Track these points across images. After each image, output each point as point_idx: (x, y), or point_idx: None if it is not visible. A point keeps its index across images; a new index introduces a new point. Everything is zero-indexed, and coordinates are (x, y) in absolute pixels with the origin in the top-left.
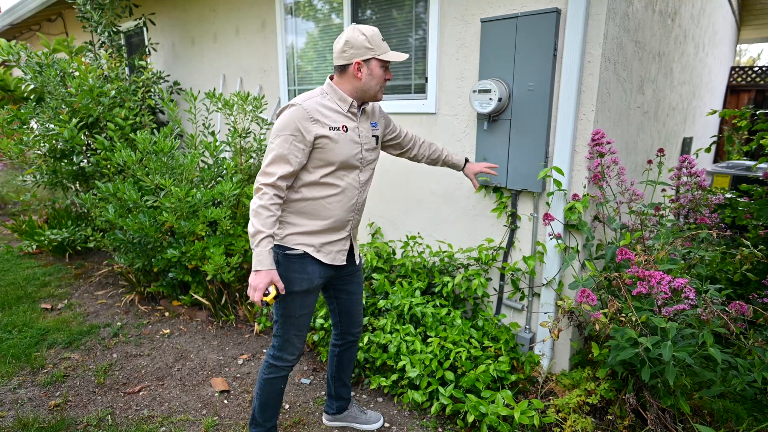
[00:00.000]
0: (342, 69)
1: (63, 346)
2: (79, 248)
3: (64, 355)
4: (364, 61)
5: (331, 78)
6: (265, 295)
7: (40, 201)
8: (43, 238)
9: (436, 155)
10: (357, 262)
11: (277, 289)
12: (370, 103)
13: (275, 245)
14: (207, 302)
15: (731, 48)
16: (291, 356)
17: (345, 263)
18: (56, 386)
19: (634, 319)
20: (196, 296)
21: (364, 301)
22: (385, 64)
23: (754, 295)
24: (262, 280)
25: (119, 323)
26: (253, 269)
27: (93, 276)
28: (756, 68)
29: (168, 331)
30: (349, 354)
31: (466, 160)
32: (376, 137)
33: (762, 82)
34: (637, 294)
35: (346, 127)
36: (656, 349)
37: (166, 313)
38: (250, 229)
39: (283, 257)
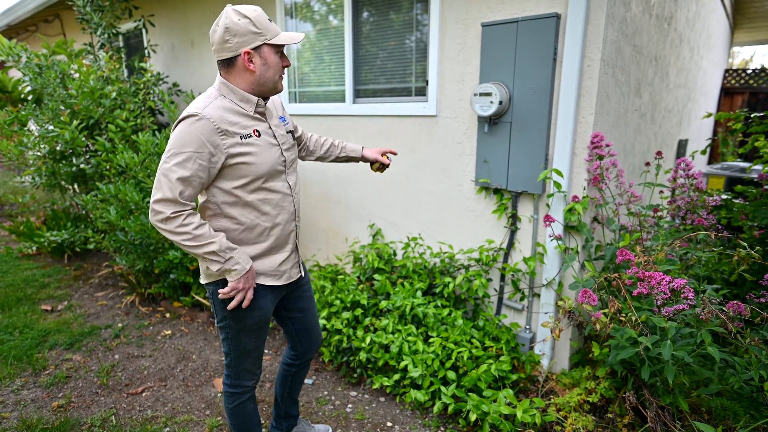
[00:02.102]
0: (229, 62)
1: (64, 347)
2: (78, 250)
3: (66, 357)
4: (254, 49)
5: (221, 74)
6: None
7: (37, 202)
8: (42, 240)
9: (334, 152)
10: (302, 273)
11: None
12: (270, 98)
13: (219, 282)
14: (208, 303)
15: (725, 51)
16: (249, 382)
17: (300, 275)
18: (59, 387)
19: (634, 318)
20: (197, 297)
21: (365, 302)
22: (279, 49)
23: (750, 295)
24: (250, 277)
25: (120, 324)
26: (240, 274)
27: (92, 277)
28: (749, 70)
29: (169, 332)
30: (304, 372)
31: (362, 148)
32: (291, 132)
33: (755, 85)
34: (638, 294)
35: (258, 131)
36: (656, 349)
37: (167, 315)
38: (204, 250)
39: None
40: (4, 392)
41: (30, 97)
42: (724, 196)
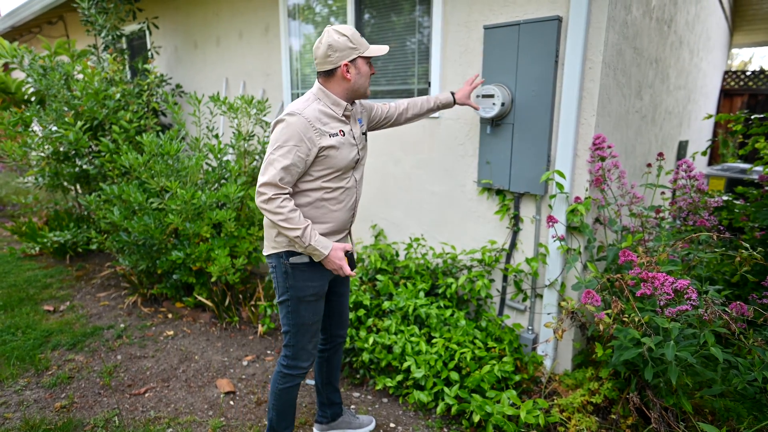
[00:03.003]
0: (329, 73)
1: (67, 347)
2: (80, 250)
3: (69, 357)
4: (351, 61)
5: (319, 82)
6: (351, 264)
7: (39, 203)
8: (45, 240)
9: (426, 106)
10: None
11: (348, 252)
12: (358, 102)
13: (282, 254)
14: (211, 304)
15: (724, 53)
16: (306, 363)
17: None
18: (62, 388)
19: (637, 319)
20: (200, 298)
21: (368, 303)
22: (369, 60)
23: (753, 295)
24: (337, 255)
25: (122, 325)
26: (321, 258)
27: (94, 278)
28: (748, 72)
29: (172, 332)
30: (338, 357)
31: (452, 93)
32: (365, 134)
33: (754, 86)
34: (641, 295)
35: (343, 131)
36: (659, 349)
37: (170, 315)
38: (294, 233)
39: (292, 267)
40: (6, 393)
41: (33, 99)
42: (725, 198)
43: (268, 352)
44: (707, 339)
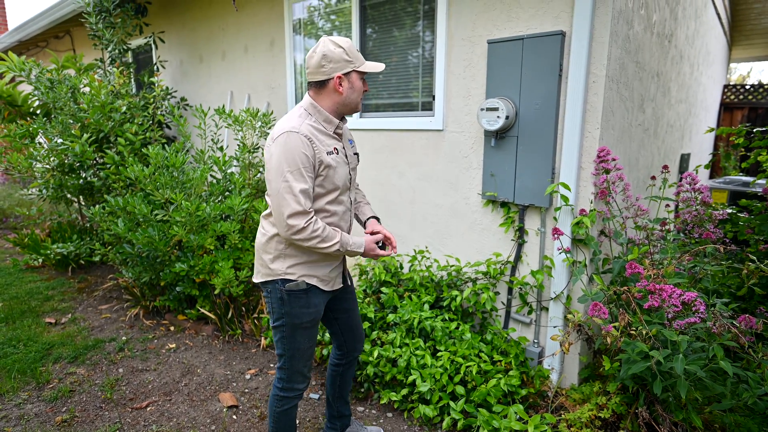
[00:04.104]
0: (320, 84)
1: (68, 360)
2: (83, 262)
3: (70, 370)
4: (345, 74)
5: (310, 94)
6: (382, 248)
7: (43, 214)
8: (48, 252)
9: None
10: (348, 283)
11: (379, 243)
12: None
13: (277, 281)
14: (213, 316)
15: (723, 67)
16: (301, 384)
17: (342, 285)
18: (63, 401)
19: (644, 332)
20: (202, 310)
21: (372, 315)
22: (363, 75)
23: (760, 308)
24: (370, 247)
25: (124, 338)
26: (358, 256)
27: (96, 290)
28: (748, 86)
29: (174, 345)
30: (352, 371)
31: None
32: (357, 155)
33: (754, 100)
34: (648, 307)
35: (336, 149)
36: (668, 363)
37: (172, 328)
38: (334, 248)
39: (287, 294)
40: (7, 406)
41: (39, 111)
42: (728, 210)
43: (271, 365)
44: (716, 352)
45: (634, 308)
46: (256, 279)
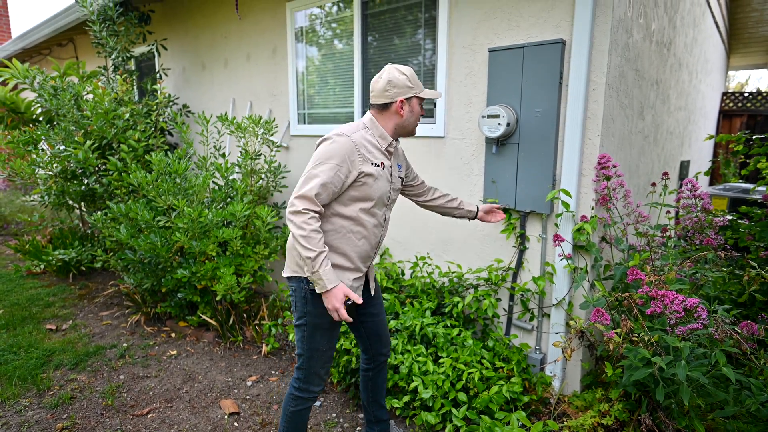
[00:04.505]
0: (383, 107)
1: (69, 367)
2: (84, 269)
3: (71, 377)
4: (407, 99)
5: (372, 113)
6: (349, 309)
7: (44, 221)
8: (50, 258)
9: (451, 205)
10: (372, 292)
11: (349, 301)
12: (399, 145)
13: (303, 279)
14: (215, 323)
15: (722, 75)
16: (317, 387)
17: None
18: (63, 408)
19: (647, 338)
20: (204, 317)
21: None
22: (422, 101)
23: (761, 315)
24: (337, 297)
25: (125, 344)
26: (323, 290)
27: (97, 296)
28: (746, 94)
29: (175, 352)
30: (382, 375)
31: (477, 208)
32: (401, 179)
33: (753, 107)
34: (651, 313)
35: (383, 164)
36: (670, 369)
37: (173, 334)
38: (308, 253)
39: (311, 293)
40: (8, 413)
41: (41, 118)
42: (729, 217)
43: (273, 372)
44: (718, 359)
45: (636, 314)
46: (284, 273)
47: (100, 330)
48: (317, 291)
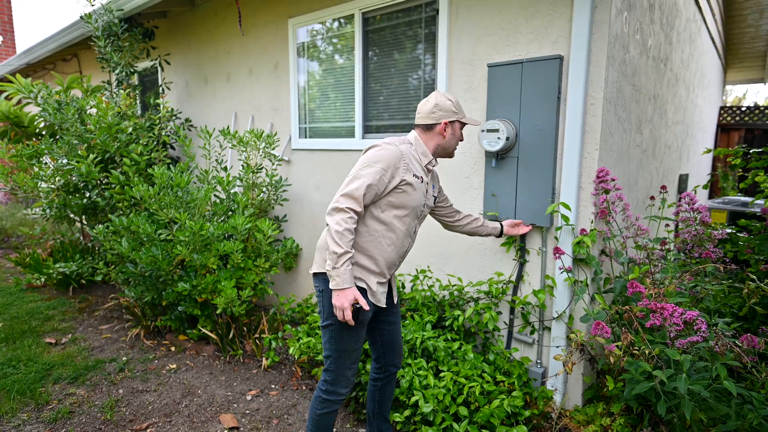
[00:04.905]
0: (428, 127)
1: (68, 381)
2: (84, 282)
3: (70, 391)
4: (450, 122)
5: (416, 132)
6: (355, 313)
7: (45, 234)
8: (51, 271)
9: (477, 225)
10: (395, 301)
11: (357, 304)
12: (435, 167)
13: None
14: (215, 336)
15: (719, 89)
16: (344, 389)
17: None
18: (62, 423)
19: (647, 352)
20: (204, 330)
21: None
22: (463, 126)
23: (762, 328)
24: (347, 297)
25: (125, 358)
26: (335, 288)
27: (97, 310)
28: (744, 108)
29: (174, 366)
30: (390, 387)
31: (501, 225)
32: (434, 197)
33: (750, 121)
34: (651, 326)
35: (422, 178)
36: (671, 383)
37: (172, 348)
38: (336, 248)
39: None
40: (6, 428)
41: (44, 132)
42: (728, 230)
43: (273, 386)
44: (720, 372)
45: (636, 327)
46: (312, 270)
47: (100, 344)
48: (330, 286)
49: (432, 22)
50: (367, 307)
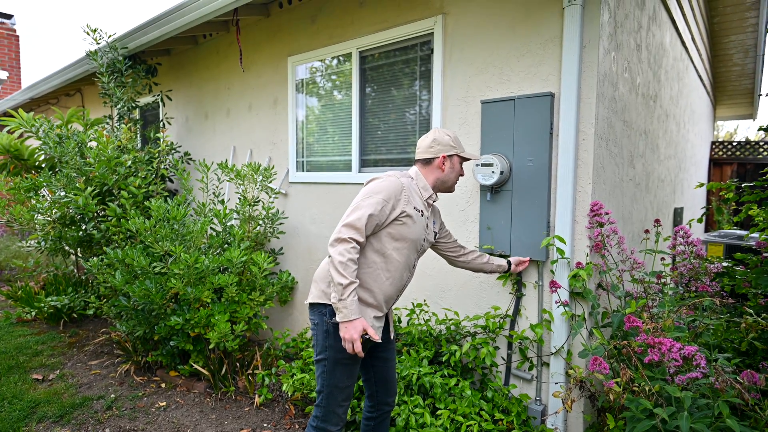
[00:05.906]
0: (427, 162)
1: (53, 420)
2: (75, 316)
3: (54, 430)
4: (448, 156)
5: (417, 167)
6: (364, 345)
7: (38, 267)
8: (42, 305)
9: (482, 261)
10: (391, 337)
11: (366, 334)
12: (436, 203)
13: (326, 309)
14: (207, 372)
15: (710, 125)
16: (335, 427)
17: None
18: None
19: (647, 388)
20: (196, 366)
21: None
22: (462, 161)
23: (763, 364)
24: (356, 328)
25: (113, 395)
26: (342, 320)
27: (88, 345)
28: (735, 143)
29: (164, 403)
30: (384, 426)
31: (509, 262)
32: (435, 233)
33: (742, 156)
34: (649, 362)
35: (423, 212)
36: (673, 421)
37: (163, 384)
38: (341, 280)
39: (333, 327)
40: None
41: (44, 165)
42: (725, 264)
43: (265, 425)
44: (722, 410)
45: (635, 363)
46: (308, 300)
47: (88, 380)
48: (338, 319)
49: (427, 60)
50: (376, 338)
